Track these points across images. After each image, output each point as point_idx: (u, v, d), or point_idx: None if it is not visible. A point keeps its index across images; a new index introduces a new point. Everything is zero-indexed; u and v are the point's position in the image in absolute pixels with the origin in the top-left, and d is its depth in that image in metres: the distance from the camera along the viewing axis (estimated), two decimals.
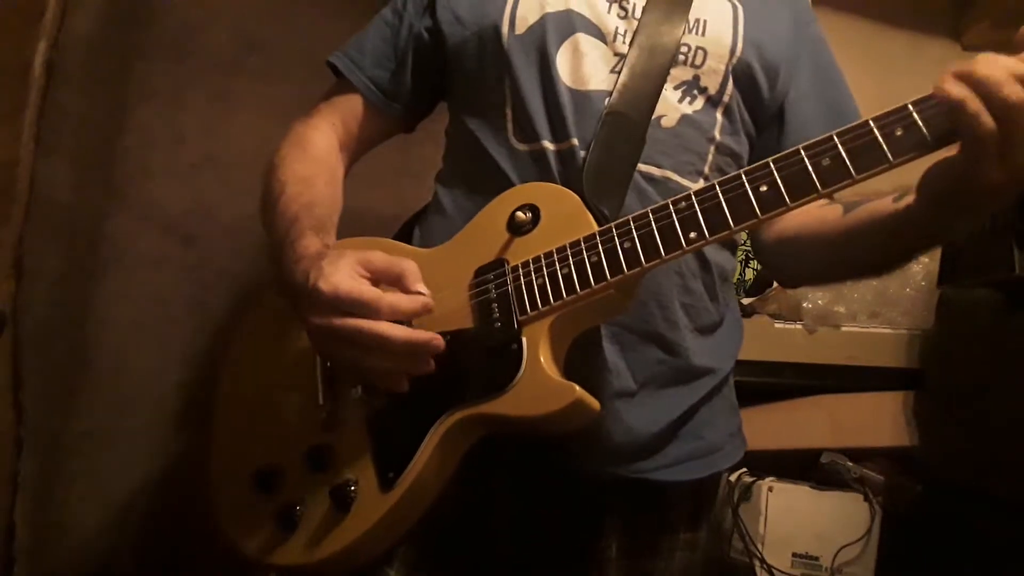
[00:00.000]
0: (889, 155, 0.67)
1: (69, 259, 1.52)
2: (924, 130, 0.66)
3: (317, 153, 0.97)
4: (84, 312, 1.53)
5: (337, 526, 0.81)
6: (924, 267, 1.86)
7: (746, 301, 1.77)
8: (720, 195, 0.74)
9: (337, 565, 0.81)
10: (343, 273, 0.75)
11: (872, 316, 1.82)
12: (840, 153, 0.68)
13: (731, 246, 1.00)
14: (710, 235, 0.73)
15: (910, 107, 0.66)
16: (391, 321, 0.74)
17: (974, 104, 0.61)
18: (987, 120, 0.61)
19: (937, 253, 1.73)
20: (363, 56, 1.03)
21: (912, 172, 0.71)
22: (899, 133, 0.66)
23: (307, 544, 0.82)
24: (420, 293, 0.77)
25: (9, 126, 1.37)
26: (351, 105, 1.03)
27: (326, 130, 1.00)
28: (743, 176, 0.73)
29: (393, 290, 0.77)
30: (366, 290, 0.74)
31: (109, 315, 1.54)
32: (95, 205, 1.54)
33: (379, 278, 0.78)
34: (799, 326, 1.73)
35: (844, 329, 1.75)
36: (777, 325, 1.71)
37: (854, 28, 2.07)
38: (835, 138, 0.69)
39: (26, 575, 1.47)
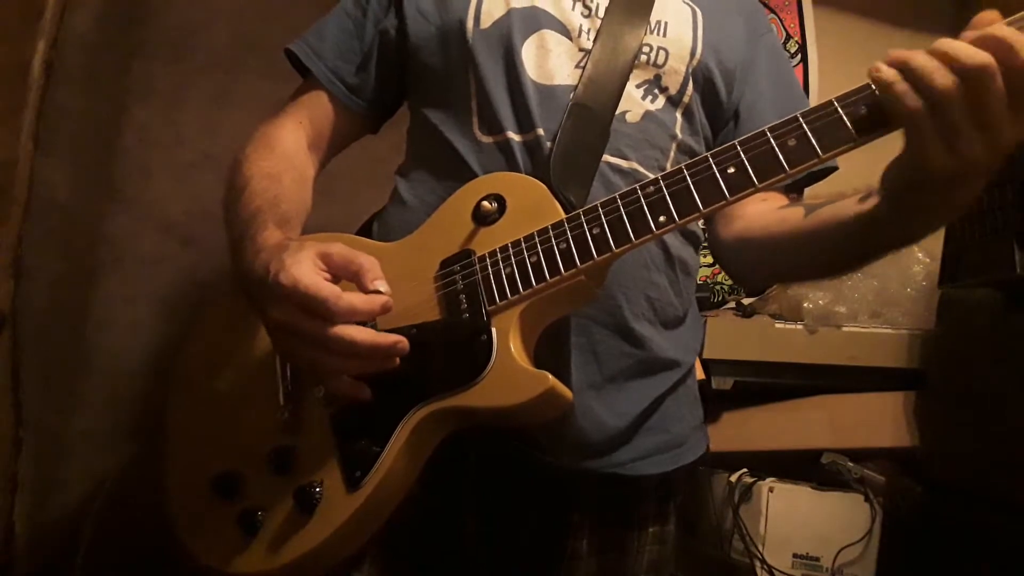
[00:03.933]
0: (854, 133, 0.67)
1: (68, 259, 1.52)
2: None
3: (284, 151, 0.95)
4: (83, 312, 1.54)
5: (302, 529, 0.78)
6: (925, 267, 1.86)
7: (746, 301, 1.76)
8: (688, 178, 0.73)
9: (303, 570, 0.78)
10: (304, 266, 0.72)
11: (873, 316, 1.81)
12: (805, 132, 0.68)
13: (695, 242, 1.00)
14: (679, 218, 0.73)
15: (873, 86, 0.67)
16: (349, 321, 0.72)
17: (900, 86, 0.62)
18: (913, 100, 0.62)
19: (939, 253, 1.73)
20: (323, 46, 1.01)
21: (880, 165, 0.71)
22: (863, 112, 0.67)
23: (271, 550, 0.78)
24: (378, 292, 0.74)
25: (8, 126, 1.37)
26: (317, 102, 1.00)
27: (293, 128, 0.98)
28: (710, 159, 0.73)
29: (352, 287, 0.75)
30: (324, 287, 0.72)
31: (108, 315, 1.55)
32: (94, 205, 1.54)
33: (338, 274, 0.75)
34: (800, 326, 1.72)
35: (845, 329, 1.75)
36: (777, 325, 1.71)
37: (854, 28, 2.07)
38: (800, 118, 0.69)
39: (26, 575, 1.47)
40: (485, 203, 0.83)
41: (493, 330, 0.77)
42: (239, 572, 0.80)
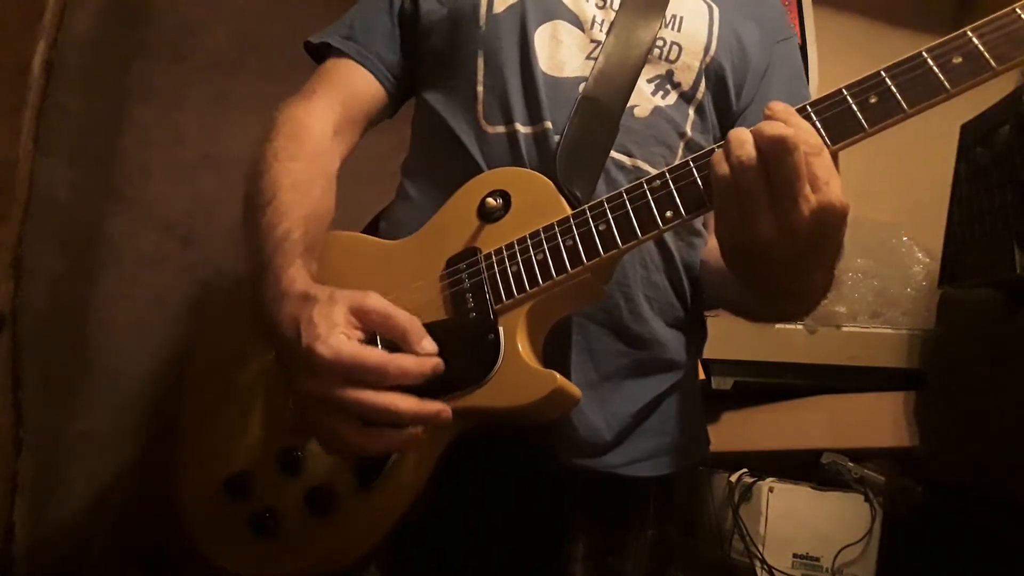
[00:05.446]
0: (864, 123, 0.67)
1: (68, 259, 1.52)
2: (898, 95, 0.66)
3: (314, 147, 0.90)
4: (83, 312, 1.53)
5: (314, 531, 0.77)
6: (925, 267, 1.86)
7: None
8: (695, 171, 0.72)
9: (314, 572, 0.78)
10: (340, 332, 0.69)
11: (873, 316, 1.81)
12: (815, 123, 0.68)
13: (701, 245, 1.00)
14: (687, 213, 0.72)
15: (883, 73, 0.67)
16: (397, 387, 0.69)
17: (717, 154, 0.67)
18: (722, 168, 0.66)
19: (939, 253, 1.73)
20: (354, 29, 0.99)
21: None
22: (873, 100, 0.67)
23: (283, 552, 0.78)
24: (429, 354, 0.71)
25: (8, 126, 1.37)
26: (350, 81, 0.98)
27: (323, 114, 0.94)
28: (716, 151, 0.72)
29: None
30: (370, 355, 0.68)
31: (108, 315, 1.54)
32: (94, 205, 1.54)
33: (375, 331, 0.72)
34: (800, 326, 1.72)
35: (845, 329, 1.75)
36: (777, 325, 1.70)
37: (854, 28, 2.07)
38: (808, 108, 0.69)
39: (26, 575, 1.47)
40: (490, 199, 0.82)
41: (500, 329, 0.76)
42: (251, 575, 0.80)
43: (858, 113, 0.67)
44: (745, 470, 1.67)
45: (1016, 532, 1.35)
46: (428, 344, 0.72)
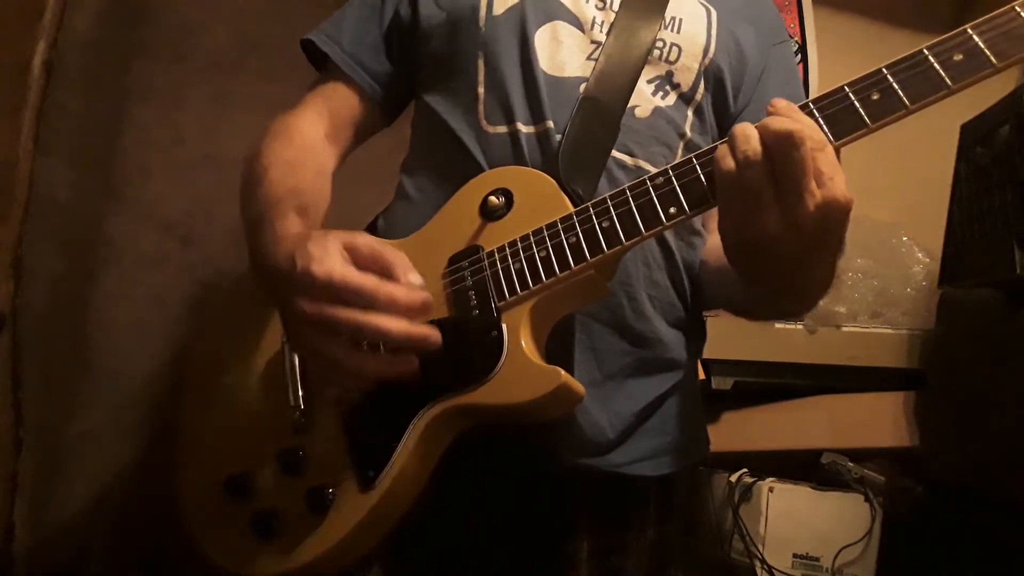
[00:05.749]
0: (867, 119, 0.67)
1: (68, 259, 1.53)
2: (900, 92, 0.67)
3: (304, 141, 0.93)
4: (83, 312, 1.54)
5: (315, 531, 0.77)
6: (925, 267, 1.86)
7: None
8: (698, 168, 0.72)
9: (315, 571, 0.78)
10: (335, 257, 0.71)
11: (873, 316, 1.81)
12: (817, 119, 0.68)
13: (701, 245, 1.00)
14: (690, 209, 0.72)
15: (884, 70, 0.67)
16: (387, 313, 0.70)
17: (722, 148, 0.67)
18: (727, 163, 0.66)
19: (939, 253, 1.73)
20: (341, 33, 1.01)
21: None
22: (875, 97, 0.67)
23: (284, 552, 0.78)
24: (414, 285, 0.73)
25: (8, 126, 1.37)
26: (336, 90, 1.00)
27: (312, 119, 0.96)
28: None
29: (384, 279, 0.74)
30: (362, 277, 0.70)
31: (108, 315, 1.55)
32: (94, 205, 1.54)
33: (364, 265, 0.73)
34: (799, 326, 1.73)
35: (845, 329, 1.75)
36: (777, 325, 1.71)
37: (854, 28, 2.07)
38: (811, 105, 0.69)
39: (26, 575, 1.47)
40: (492, 198, 0.82)
41: (503, 326, 0.76)
42: (252, 575, 0.80)
43: (860, 109, 0.67)
44: (745, 470, 1.67)
45: (1016, 532, 1.36)
46: (414, 277, 0.73)
